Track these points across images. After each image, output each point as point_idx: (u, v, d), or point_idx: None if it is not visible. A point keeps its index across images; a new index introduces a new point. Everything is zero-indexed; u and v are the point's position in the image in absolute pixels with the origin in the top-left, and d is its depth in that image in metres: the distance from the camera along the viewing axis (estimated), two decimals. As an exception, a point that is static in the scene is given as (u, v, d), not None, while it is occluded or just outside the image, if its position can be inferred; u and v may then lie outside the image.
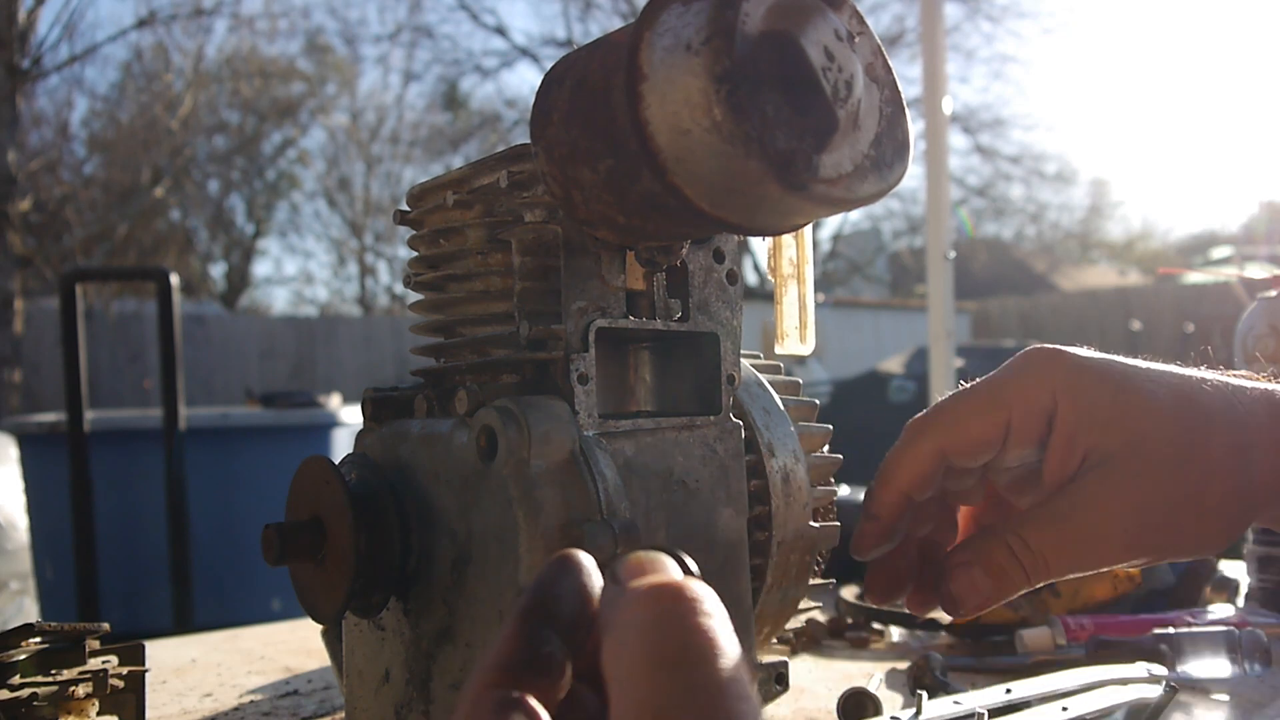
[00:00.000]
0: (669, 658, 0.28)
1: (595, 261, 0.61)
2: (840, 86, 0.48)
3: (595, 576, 0.35)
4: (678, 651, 0.28)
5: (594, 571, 0.35)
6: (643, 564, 0.33)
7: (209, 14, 13.00)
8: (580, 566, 0.35)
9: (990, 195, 19.54)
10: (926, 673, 0.81)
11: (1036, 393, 0.55)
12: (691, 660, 0.28)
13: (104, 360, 9.39)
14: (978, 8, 16.10)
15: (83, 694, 0.69)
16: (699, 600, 0.30)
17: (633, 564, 0.33)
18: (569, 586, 0.34)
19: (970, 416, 0.56)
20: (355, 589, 0.61)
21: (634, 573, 0.32)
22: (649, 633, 0.29)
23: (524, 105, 16.10)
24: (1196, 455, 0.52)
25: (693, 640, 0.29)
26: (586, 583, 0.35)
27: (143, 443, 3.64)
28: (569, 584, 0.34)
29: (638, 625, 0.29)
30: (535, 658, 0.32)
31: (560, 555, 0.36)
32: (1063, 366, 0.55)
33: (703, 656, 0.28)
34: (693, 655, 0.28)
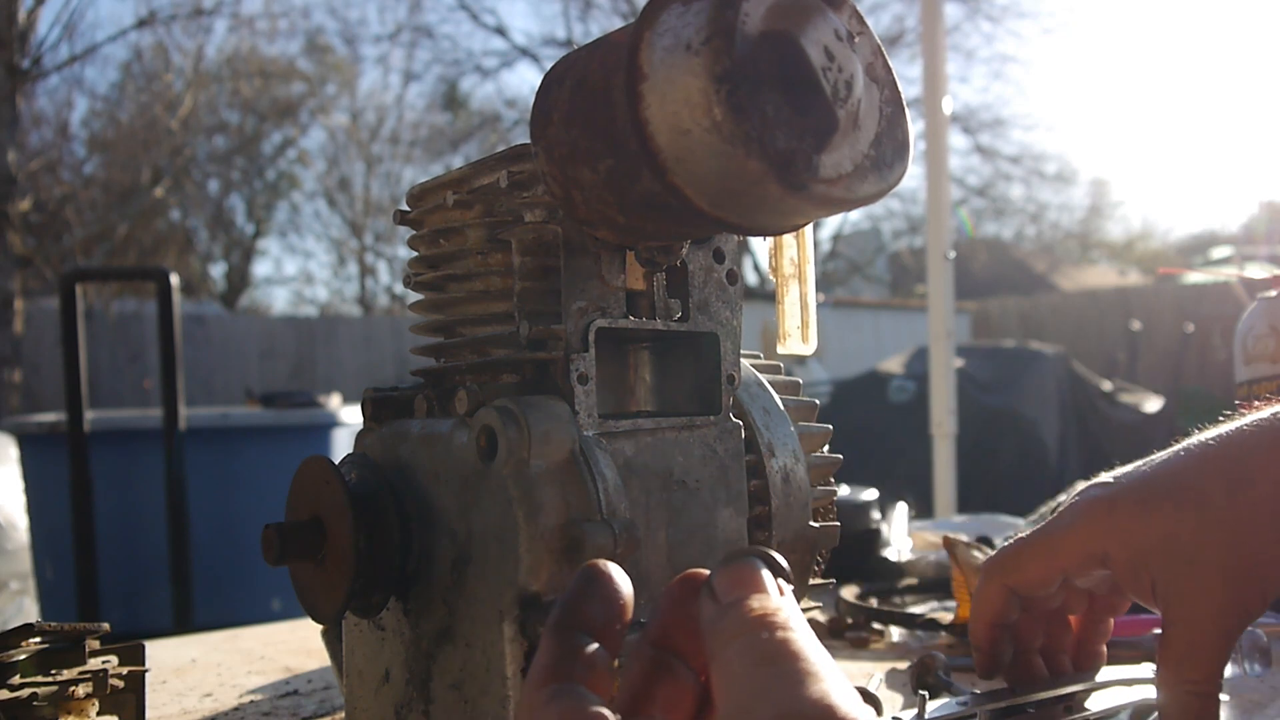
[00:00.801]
0: (766, 658, 0.33)
1: (595, 261, 0.61)
2: (840, 86, 0.48)
3: (623, 583, 0.38)
4: (772, 654, 0.33)
5: (619, 578, 0.38)
6: (739, 579, 0.36)
7: (209, 14, 13.00)
8: (605, 576, 0.38)
9: (990, 195, 19.55)
10: (929, 672, 0.81)
11: (1088, 551, 0.64)
12: (784, 658, 0.32)
13: (104, 360, 9.38)
14: (978, 8, 16.10)
15: (83, 694, 0.69)
16: (789, 621, 0.34)
17: (728, 579, 0.36)
18: (596, 595, 0.37)
19: (1029, 561, 0.67)
20: (355, 589, 0.61)
21: (730, 588, 0.36)
22: (748, 650, 0.33)
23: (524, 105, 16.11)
24: (1231, 517, 0.59)
25: (784, 648, 0.33)
26: (614, 590, 0.37)
27: (143, 443, 3.64)
28: (596, 593, 0.37)
29: (738, 649, 0.33)
30: (575, 655, 0.35)
31: (587, 566, 0.38)
32: (1106, 513, 0.63)
33: (791, 654, 0.32)
34: (785, 655, 0.32)
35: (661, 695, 0.37)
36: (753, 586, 0.36)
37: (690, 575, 0.38)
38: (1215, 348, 7.97)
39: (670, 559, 0.62)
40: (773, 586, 0.36)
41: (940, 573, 1.22)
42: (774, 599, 0.35)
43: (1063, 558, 0.65)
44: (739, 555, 0.37)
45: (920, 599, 1.19)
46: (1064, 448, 6.21)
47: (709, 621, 0.35)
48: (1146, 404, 6.58)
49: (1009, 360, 6.36)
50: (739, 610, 0.34)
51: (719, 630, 0.34)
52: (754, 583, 0.36)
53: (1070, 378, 6.41)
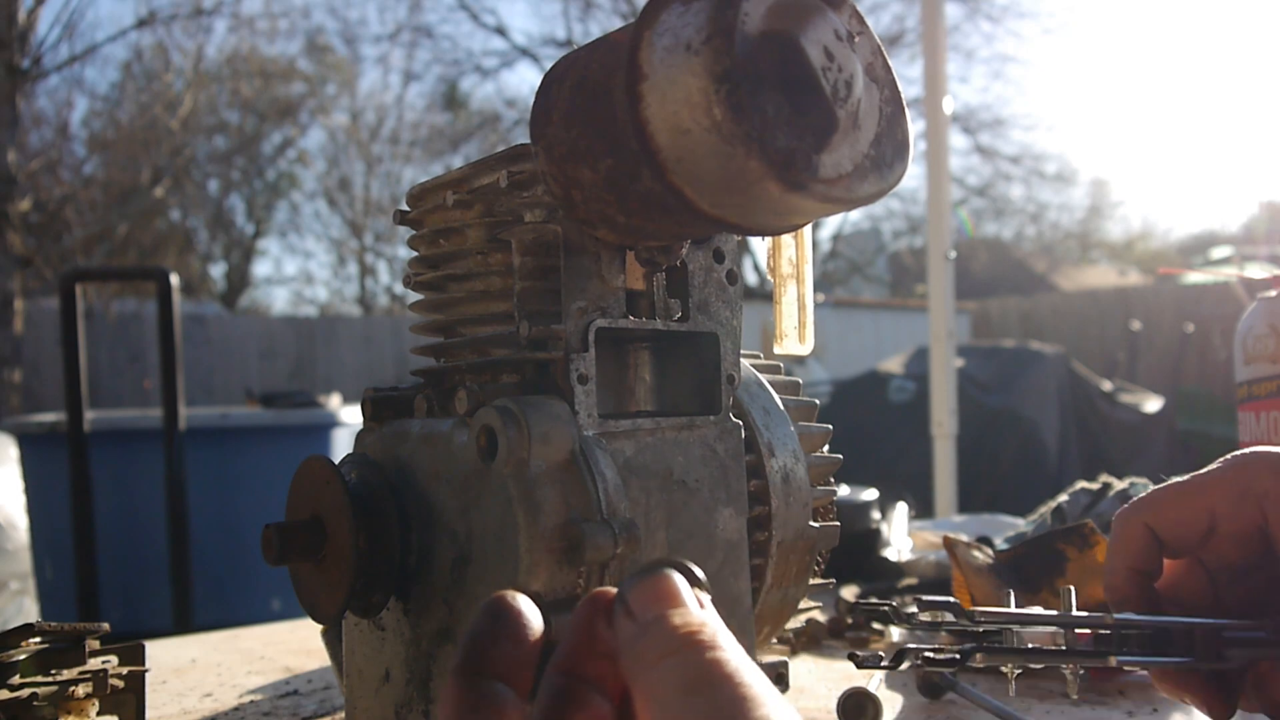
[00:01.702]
0: (698, 683, 0.30)
1: (595, 261, 0.61)
2: (840, 86, 0.48)
3: (531, 616, 0.35)
4: (704, 678, 0.30)
5: (527, 610, 0.35)
6: (656, 593, 0.33)
7: (209, 14, 12.99)
8: (511, 611, 0.35)
9: (990, 195, 19.53)
10: (934, 672, 0.81)
11: (1242, 488, 0.59)
12: (718, 682, 0.30)
13: (104, 360, 9.38)
14: (978, 8, 16.08)
15: (83, 694, 0.69)
16: (717, 638, 0.32)
17: (644, 594, 0.33)
18: (502, 634, 0.34)
19: (1175, 499, 0.62)
20: (355, 589, 0.61)
21: (647, 604, 0.33)
22: (677, 673, 0.31)
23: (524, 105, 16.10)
24: None
25: (716, 670, 0.30)
26: (521, 626, 0.35)
27: (143, 443, 3.64)
28: (502, 632, 0.35)
29: (666, 672, 0.31)
30: (482, 705, 0.33)
31: (491, 602, 0.35)
32: (1268, 468, 0.59)
33: (726, 679, 0.30)
34: (718, 679, 0.30)
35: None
36: (671, 600, 0.33)
37: (597, 594, 0.36)
38: (1215, 348, 7.97)
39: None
40: (692, 599, 0.33)
41: (940, 573, 1.22)
42: (696, 613, 0.33)
43: (1213, 494, 0.59)
44: (651, 568, 0.35)
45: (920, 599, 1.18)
46: (1064, 448, 6.20)
47: (628, 642, 0.33)
48: (1146, 404, 6.58)
49: (1009, 360, 6.36)
50: (661, 628, 0.32)
51: (640, 652, 0.32)
52: (672, 596, 0.33)
53: (1070, 378, 6.41)
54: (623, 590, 0.34)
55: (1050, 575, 0.97)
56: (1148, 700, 0.81)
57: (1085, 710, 0.79)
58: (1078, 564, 0.96)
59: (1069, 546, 0.97)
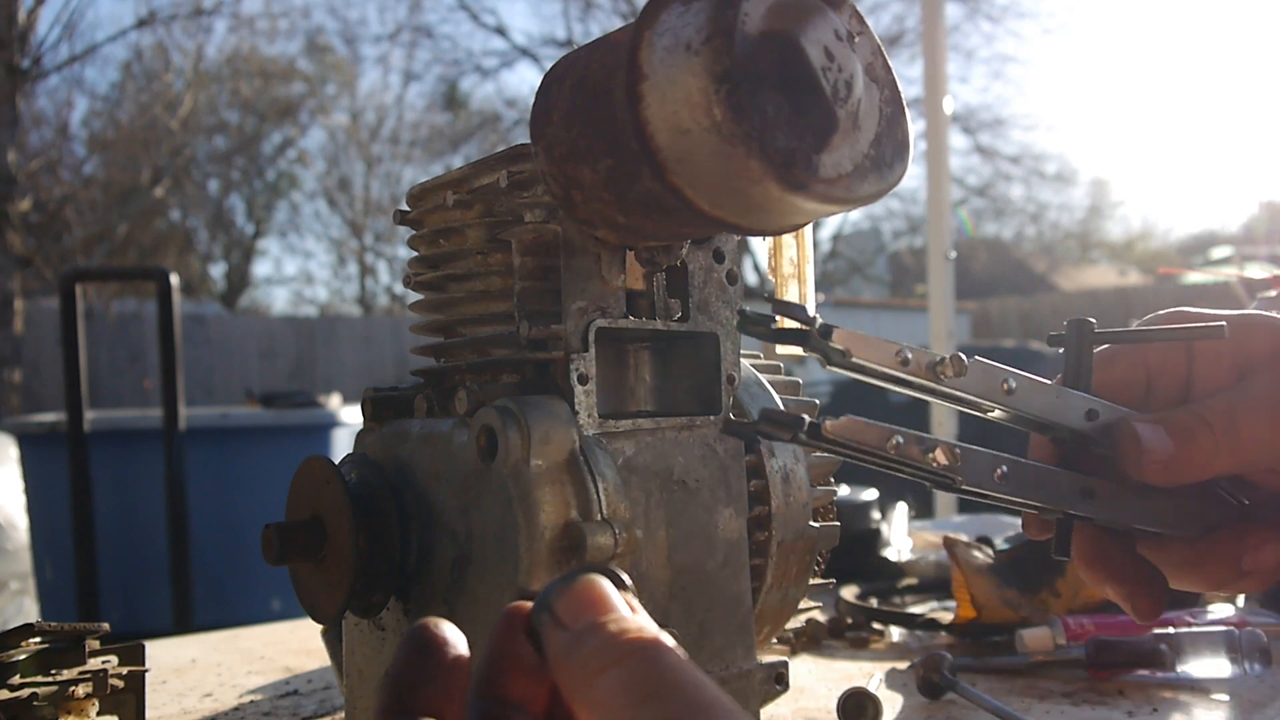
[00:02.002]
0: (648, 693, 0.28)
1: (595, 261, 0.61)
2: (840, 86, 0.48)
3: (456, 643, 0.34)
4: (654, 687, 0.29)
5: (451, 637, 0.34)
6: (585, 599, 0.32)
7: (209, 14, 13.01)
8: (434, 642, 0.34)
9: (990, 195, 19.53)
10: (935, 672, 0.81)
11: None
12: (668, 690, 0.28)
13: (104, 360, 9.39)
14: (978, 8, 16.08)
15: (83, 694, 0.69)
16: (659, 642, 0.30)
17: (572, 601, 0.32)
18: (427, 669, 0.33)
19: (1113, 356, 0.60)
20: (355, 589, 0.61)
21: (577, 612, 0.31)
22: (624, 683, 0.29)
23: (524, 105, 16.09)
24: None
25: (666, 677, 0.29)
26: (445, 657, 0.33)
27: (143, 443, 3.64)
28: (426, 666, 0.33)
29: (612, 683, 0.29)
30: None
31: (412, 632, 0.34)
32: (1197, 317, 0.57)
33: (678, 686, 0.28)
34: (669, 686, 0.29)
35: None
36: (603, 607, 0.31)
37: (512, 610, 0.34)
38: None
39: (670, 559, 0.62)
40: (623, 604, 0.32)
41: (940, 573, 1.22)
42: (631, 619, 0.31)
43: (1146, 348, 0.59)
44: (572, 575, 0.33)
45: (920, 599, 1.19)
46: (1064, 448, 6.19)
47: (561, 653, 0.31)
48: (1146, 404, 6.56)
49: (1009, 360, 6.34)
50: (600, 636, 0.30)
51: (579, 663, 0.30)
52: (603, 602, 0.31)
53: (1070, 378, 6.40)
54: (547, 600, 0.32)
55: (1050, 575, 0.97)
56: (1147, 700, 0.81)
57: (1085, 710, 0.79)
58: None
59: (1069, 546, 0.97)
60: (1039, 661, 0.88)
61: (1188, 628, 0.87)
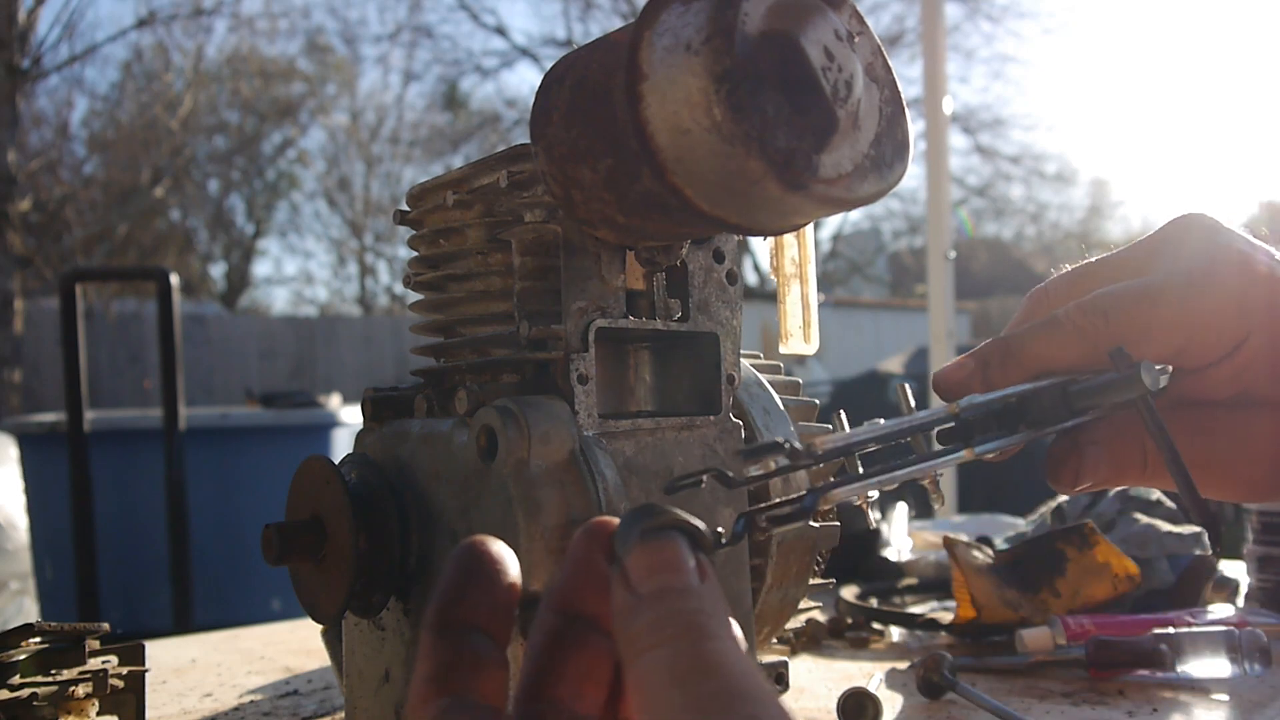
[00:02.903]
0: (687, 674, 0.29)
1: (595, 261, 0.61)
2: (840, 86, 0.48)
3: (506, 559, 0.34)
4: (695, 669, 0.29)
5: (501, 554, 0.34)
6: (657, 561, 0.32)
7: (209, 14, 13.02)
8: (483, 556, 0.33)
9: (990, 195, 19.53)
10: (935, 672, 0.81)
11: (1228, 318, 0.52)
12: (708, 674, 0.29)
13: (104, 360, 9.39)
14: (978, 8, 16.09)
15: (83, 694, 0.69)
16: (710, 624, 0.30)
17: (645, 560, 0.32)
18: (476, 581, 0.33)
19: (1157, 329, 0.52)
20: (355, 589, 0.61)
21: (646, 574, 0.31)
22: (666, 663, 0.29)
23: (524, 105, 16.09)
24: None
25: (709, 661, 0.29)
26: (495, 570, 0.33)
27: (143, 443, 3.64)
28: (475, 579, 0.33)
29: (655, 661, 0.30)
30: (459, 660, 0.32)
31: (461, 548, 0.34)
32: (1256, 281, 0.52)
33: (717, 671, 0.29)
34: (709, 670, 0.29)
35: (571, 670, 0.33)
36: (672, 572, 0.31)
37: (595, 525, 0.34)
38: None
39: (670, 559, 0.62)
40: (693, 573, 0.31)
41: (940, 573, 1.22)
42: (695, 591, 0.31)
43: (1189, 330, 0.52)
44: (656, 527, 0.32)
45: (920, 599, 1.19)
46: (1064, 448, 6.19)
47: (622, 614, 0.31)
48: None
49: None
50: (658, 609, 0.30)
51: (634, 632, 0.30)
52: (674, 567, 0.31)
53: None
54: (622, 548, 0.32)
55: (1050, 575, 0.97)
56: (1147, 700, 0.81)
57: (1085, 710, 0.79)
58: (1078, 564, 0.96)
59: (1069, 546, 0.97)
60: (1039, 661, 0.88)
61: (1188, 628, 0.87)
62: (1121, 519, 1.10)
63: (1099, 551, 0.97)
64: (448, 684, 0.31)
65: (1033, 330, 0.54)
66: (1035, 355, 0.53)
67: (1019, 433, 0.52)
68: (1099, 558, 0.97)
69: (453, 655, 0.32)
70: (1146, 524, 1.07)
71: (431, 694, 0.31)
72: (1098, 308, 0.52)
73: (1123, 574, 0.97)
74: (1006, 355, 0.54)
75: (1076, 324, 0.53)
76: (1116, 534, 1.06)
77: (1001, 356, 0.54)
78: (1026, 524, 1.35)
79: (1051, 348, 0.53)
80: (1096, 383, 0.51)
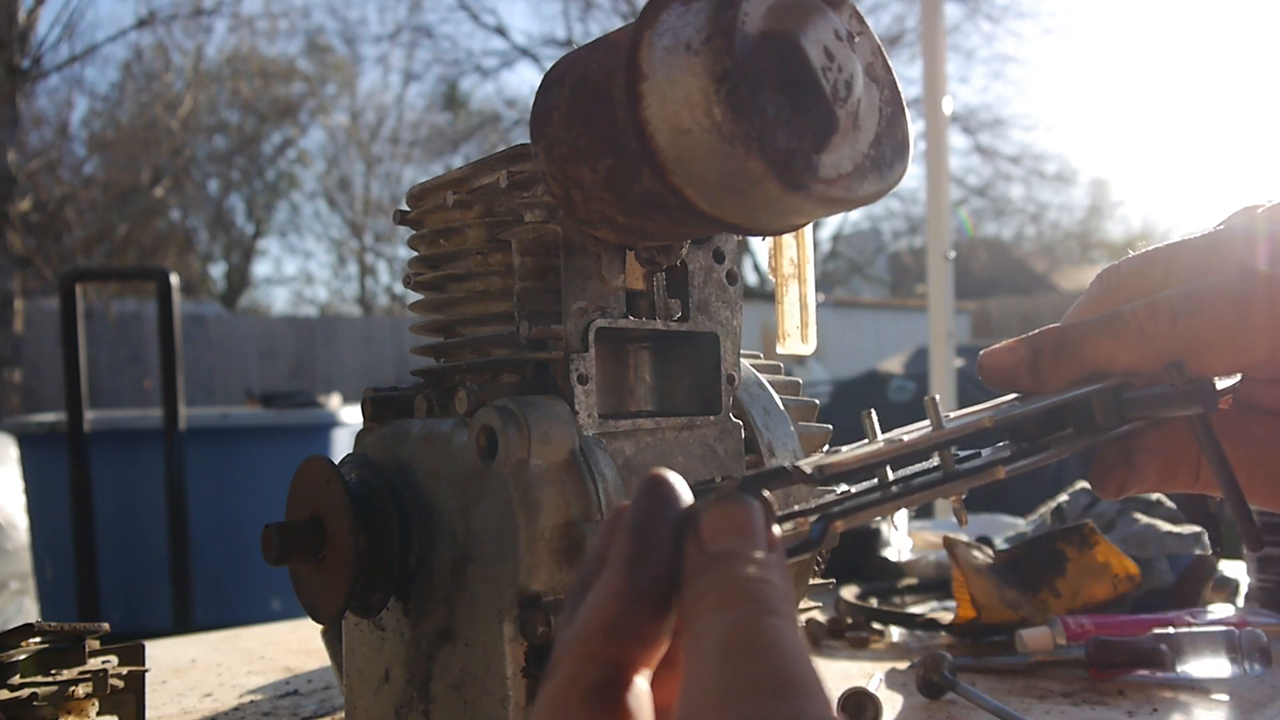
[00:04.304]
0: (738, 649, 0.29)
1: (595, 261, 0.61)
2: (840, 86, 0.48)
3: (685, 493, 0.34)
4: (747, 644, 0.29)
5: (680, 487, 0.34)
6: (729, 524, 0.32)
7: (209, 14, 13.01)
8: (675, 498, 0.34)
9: (990, 195, 19.53)
10: (935, 672, 0.81)
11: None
12: (760, 652, 0.29)
13: (104, 360, 9.38)
14: (978, 8, 16.08)
15: (83, 694, 0.69)
16: (772, 598, 0.30)
17: (719, 521, 0.32)
18: (665, 523, 0.33)
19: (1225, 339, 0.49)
20: (355, 589, 0.61)
21: (718, 534, 0.32)
22: (722, 632, 0.29)
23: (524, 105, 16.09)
24: None
25: (763, 638, 0.29)
26: (679, 504, 0.34)
27: (143, 443, 3.64)
28: (665, 519, 0.33)
29: (713, 625, 0.30)
30: (643, 623, 0.32)
31: (650, 483, 0.34)
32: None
33: (770, 651, 0.29)
34: (761, 648, 0.29)
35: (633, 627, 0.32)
36: (743, 536, 0.32)
37: (657, 481, 0.34)
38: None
39: (670, 559, 0.62)
40: (763, 540, 0.32)
41: (940, 573, 1.22)
42: (762, 558, 0.31)
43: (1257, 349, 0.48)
44: (732, 491, 0.33)
45: (920, 599, 1.19)
46: (1064, 448, 6.19)
47: (691, 570, 0.32)
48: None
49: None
50: (723, 573, 0.31)
51: (697, 592, 0.31)
52: (745, 531, 0.32)
53: (1070, 378, 6.39)
54: (699, 507, 0.33)
55: (1050, 575, 0.97)
56: (1147, 700, 0.81)
57: (1085, 710, 0.79)
58: (1078, 564, 0.96)
59: (1069, 546, 0.98)
60: (1039, 661, 0.89)
61: (1188, 628, 0.87)
62: (1121, 519, 1.10)
63: (1099, 551, 0.97)
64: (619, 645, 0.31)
65: (1094, 326, 0.51)
66: (1093, 353, 0.50)
67: (1066, 438, 0.49)
68: (1099, 558, 0.97)
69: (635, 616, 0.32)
70: (1146, 524, 1.07)
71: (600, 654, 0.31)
72: (1166, 312, 0.49)
73: (1123, 574, 0.97)
74: (1062, 347, 0.51)
75: (1142, 326, 0.49)
76: (1116, 534, 1.06)
77: (1056, 348, 0.51)
78: (1026, 524, 1.35)
79: (1111, 347, 0.50)
80: (1153, 394, 0.48)
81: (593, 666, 0.31)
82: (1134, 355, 0.49)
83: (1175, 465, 0.53)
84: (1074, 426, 0.49)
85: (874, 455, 0.43)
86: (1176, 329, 0.49)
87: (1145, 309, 0.50)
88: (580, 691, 0.31)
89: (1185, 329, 0.48)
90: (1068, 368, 0.51)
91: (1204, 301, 0.49)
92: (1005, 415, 0.47)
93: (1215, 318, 0.48)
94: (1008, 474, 0.45)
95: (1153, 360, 0.49)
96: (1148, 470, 0.52)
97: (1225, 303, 0.49)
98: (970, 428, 0.45)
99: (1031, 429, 0.49)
